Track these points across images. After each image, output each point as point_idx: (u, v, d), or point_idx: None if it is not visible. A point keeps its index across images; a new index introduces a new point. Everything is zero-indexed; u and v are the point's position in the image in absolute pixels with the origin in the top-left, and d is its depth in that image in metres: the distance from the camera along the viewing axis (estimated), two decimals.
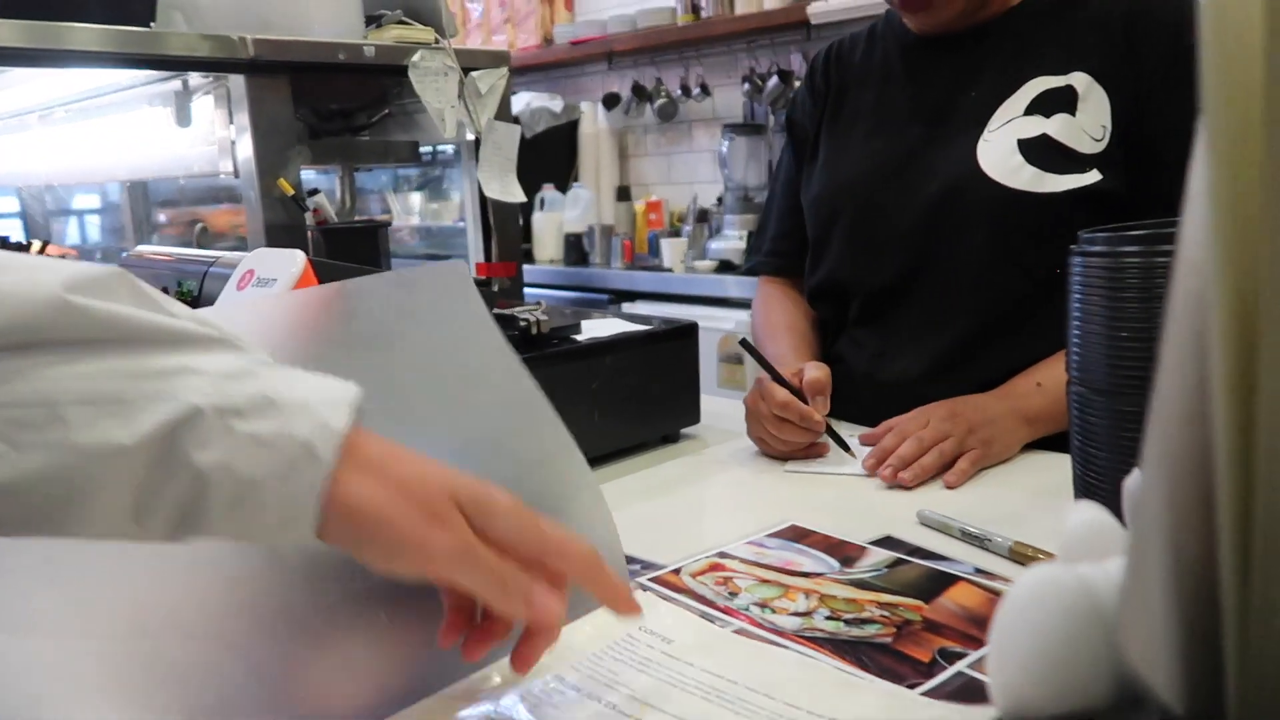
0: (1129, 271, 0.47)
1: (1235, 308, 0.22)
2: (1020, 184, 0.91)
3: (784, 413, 0.85)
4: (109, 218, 2.45)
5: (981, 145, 0.94)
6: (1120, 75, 0.90)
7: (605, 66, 3.45)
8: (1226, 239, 0.22)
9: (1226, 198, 0.22)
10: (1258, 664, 0.23)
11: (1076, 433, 0.54)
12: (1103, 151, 0.89)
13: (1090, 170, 0.89)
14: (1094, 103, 0.90)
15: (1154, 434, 0.24)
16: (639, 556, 0.66)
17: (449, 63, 1.22)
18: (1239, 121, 0.22)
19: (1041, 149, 0.91)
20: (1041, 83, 0.93)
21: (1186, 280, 0.24)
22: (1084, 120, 0.90)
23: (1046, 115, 0.91)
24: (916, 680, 0.49)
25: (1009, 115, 0.93)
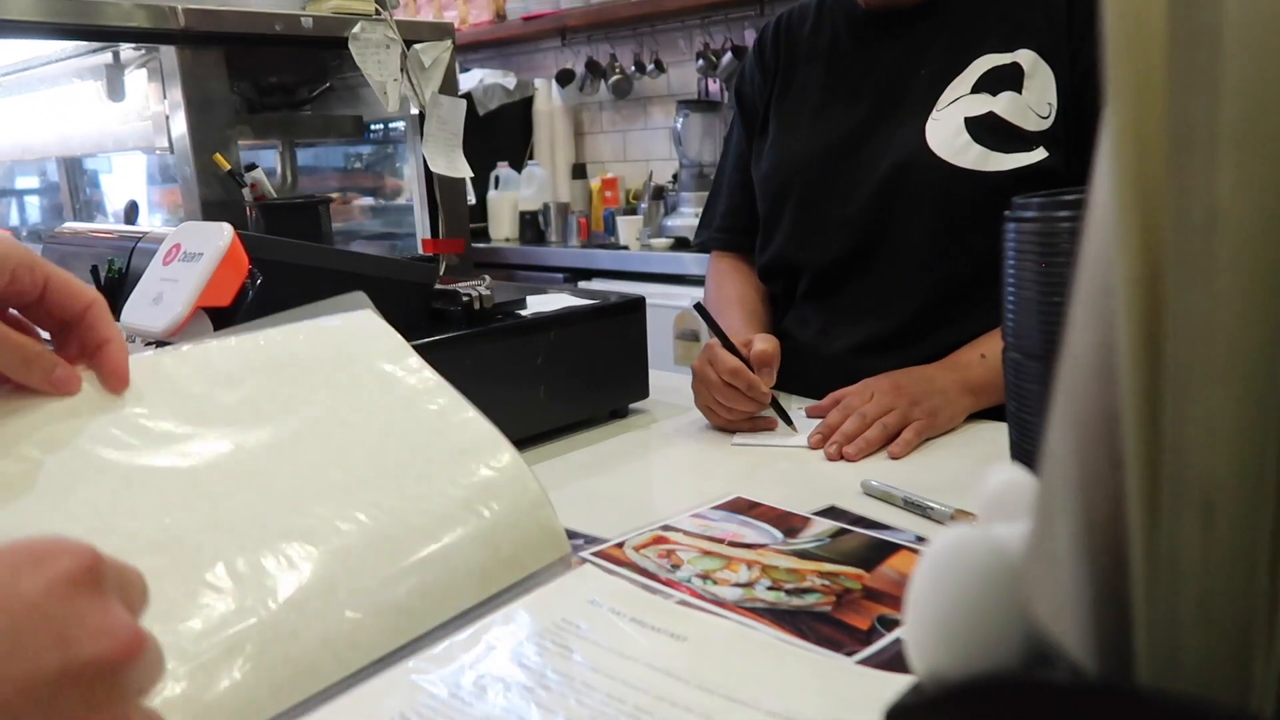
0: (1060, 236, 0.47)
1: (1140, 266, 0.22)
2: (967, 163, 0.91)
3: (733, 379, 0.85)
4: (47, 198, 2.39)
5: (930, 124, 0.94)
6: (1063, 52, 0.90)
7: (559, 43, 3.41)
8: (1130, 196, 0.22)
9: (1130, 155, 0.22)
10: (1165, 620, 0.23)
11: (1012, 398, 0.55)
12: (1048, 129, 0.90)
13: (1036, 148, 0.90)
14: (1040, 80, 0.90)
15: (1063, 389, 0.24)
16: (582, 531, 0.65)
17: (390, 35, 1.20)
18: (1141, 76, 0.22)
19: (988, 127, 0.91)
20: (988, 60, 0.93)
21: (1094, 240, 0.24)
22: (1030, 98, 0.90)
23: (993, 93, 0.91)
24: (854, 648, 0.49)
25: (956, 94, 0.93)
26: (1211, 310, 0.22)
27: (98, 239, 0.86)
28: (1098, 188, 0.25)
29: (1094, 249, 0.25)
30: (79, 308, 0.48)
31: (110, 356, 0.49)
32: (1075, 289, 0.25)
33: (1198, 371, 0.21)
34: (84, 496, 0.45)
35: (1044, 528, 0.24)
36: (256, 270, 0.66)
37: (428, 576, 0.48)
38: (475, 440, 0.56)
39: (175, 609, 0.42)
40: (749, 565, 0.60)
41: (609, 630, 0.50)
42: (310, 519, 0.47)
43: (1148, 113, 0.22)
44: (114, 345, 0.49)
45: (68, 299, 0.48)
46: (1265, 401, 0.21)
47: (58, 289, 0.47)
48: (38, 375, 0.47)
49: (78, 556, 0.30)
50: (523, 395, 0.84)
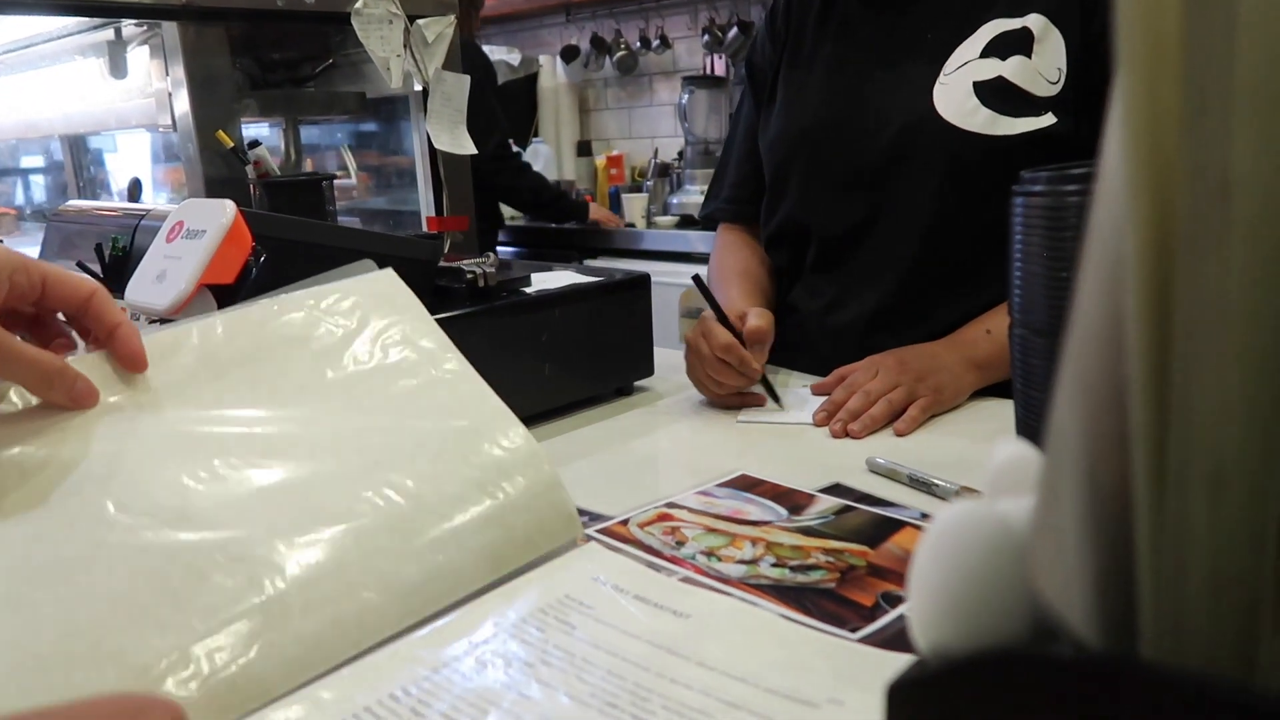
0: (1069, 211, 0.47)
1: (1151, 234, 0.22)
2: (975, 126, 0.90)
3: (725, 355, 0.85)
4: (52, 176, 2.38)
5: (938, 88, 0.93)
6: (1074, 16, 0.89)
7: (564, 19, 3.39)
8: (1142, 163, 0.22)
9: (1142, 121, 0.22)
10: (1171, 595, 0.23)
11: (1018, 375, 0.54)
12: (1058, 94, 0.89)
13: (1045, 113, 0.89)
14: (1050, 45, 0.89)
15: (1070, 362, 0.24)
16: (588, 509, 0.65)
17: (393, 10, 1.19)
18: (1154, 39, 0.21)
19: (997, 91, 0.90)
20: (998, 25, 0.92)
21: (1105, 208, 0.24)
22: (1039, 63, 0.89)
23: (1003, 58, 0.90)
24: (858, 624, 0.49)
25: (965, 58, 0.92)
26: (1223, 280, 0.21)
27: (102, 217, 0.86)
28: (1108, 155, 0.24)
29: (1104, 217, 0.24)
30: (81, 299, 0.49)
31: (124, 340, 0.50)
32: (1084, 258, 0.24)
33: (1208, 343, 0.21)
34: (95, 479, 0.45)
35: (1049, 501, 0.24)
36: (260, 247, 0.65)
37: (441, 557, 0.48)
38: (490, 421, 0.56)
39: (187, 586, 0.42)
40: (753, 542, 0.60)
41: (611, 607, 0.50)
42: (325, 498, 0.47)
43: (1160, 77, 0.22)
44: (124, 328, 0.50)
45: (68, 293, 0.49)
46: (1277, 374, 0.21)
47: (56, 285, 0.48)
48: (61, 393, 0.47)
49: (170, 711, 0.32)
50: (527, 373, 0.84)
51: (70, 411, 0.48)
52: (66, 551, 0.43)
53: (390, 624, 0.45)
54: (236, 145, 1.08)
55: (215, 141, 1.12)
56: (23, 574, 0.42)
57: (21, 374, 0.47)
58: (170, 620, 0.41)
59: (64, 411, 0.48)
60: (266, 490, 0.48)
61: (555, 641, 0.46)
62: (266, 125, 1.47)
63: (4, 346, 0.45)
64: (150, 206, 0.82)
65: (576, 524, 0.56)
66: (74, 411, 0.48)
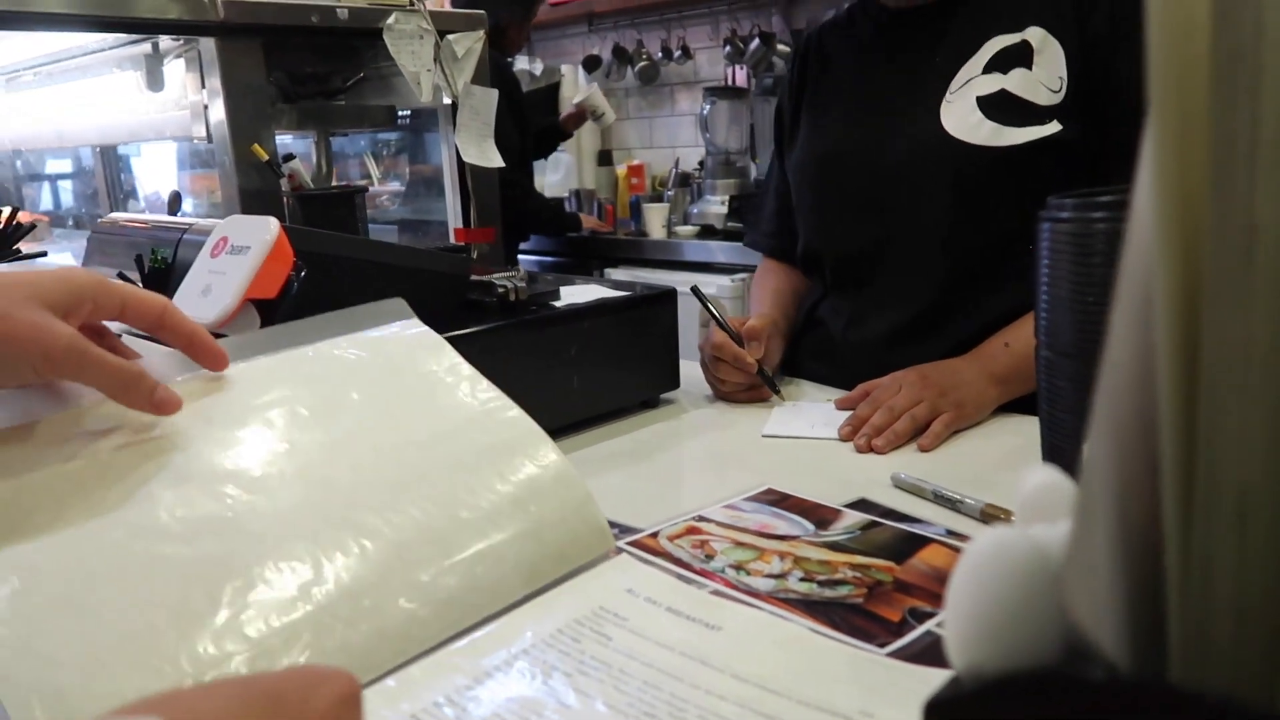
0: (1096, 238, 0.48)
1: (1180, 280, 0.23)
2: (980, 139, 0.92)
3: (718, 352, 0.94)
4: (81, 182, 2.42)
5: (944, 107, 0.95)
6: (1070, 25, 0.91)
7: (586, 28, 3.41)
8: (1172, 211, 0.23)
9: (1172, 171, 0.23)
10: (1199, 620, 0.24)
11: (1044, 396, 0.55)
12: (1060, 102, 0.90)
13: (1050, 121, 0.90)
14: (1049, 55, 0.91)
15: (1103, 398, 0.25)
16: (618, 521, 0.67)
17: (424, 25, 1.21)
18: (1184, 94, 0.23)
19: (1000, 104, 0.92)
20: (998, 41, 0.94)
21: (1136, 249, 0.25)
22: (1040, 74, 0.91)
23: (1004, 71, 0.92)
24: (886, 639, 0.50)
25: (969, 75, 0.95)
26: (1248, 325, 0.23)
27: (143, 229, 0.88)
28: (1139, 200, 0.26)
29: (1135, 259, 0.26)
30: (156, 314, 0.52)
31: (202, 344, 0.54)
32: (1116, 297, 0.25)
33: (1232, 384, 0.22)
34: (149, 491, 0.47)
35: (1083, 530, 0.25)
36: (300, 262, 0.67)
37: (479, 570, 0.49)
38: (522, 439, 0.58)
39: (238, 596, 0.44)
40: (781, 556, 0.61)
41: (645, 619, 0.51)
42: (366, 513, 0.49)
43: (1190, 130, 0.23)
44: (199, 334, 0.54)
45: (145, 309, 0.52)
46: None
47: (134, 303, 0.51)
48: (140, 398, 0.50)
49: (347, 681, 0.34)
50: (556, 385, 0.86)
51: (125, 429, 0.50)
52: (124, 559, 0.45)
53: (432, 635, 0.47)
54: (271, 158, 1.10)
55: (249, 153, 1.14)
56: (83, 579, 0.44)
57: (104, 380, 0.49)
58: (223, 628, 0.43)
59: (119, 429, 0.50)
60: (312, 504, 0.49)
61: (592, 652, 0.48)
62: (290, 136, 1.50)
63: (89, 354, 0.48)
64: (192, 220, 0.84)
65: (609, 538, 0.57)
66: (129, 429, 0.50)
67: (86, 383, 0.49)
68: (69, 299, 0.49)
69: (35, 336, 0.46)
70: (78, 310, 0.49)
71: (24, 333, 0.46)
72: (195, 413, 0.52)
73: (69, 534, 0.45)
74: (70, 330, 0.48)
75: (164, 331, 0.53)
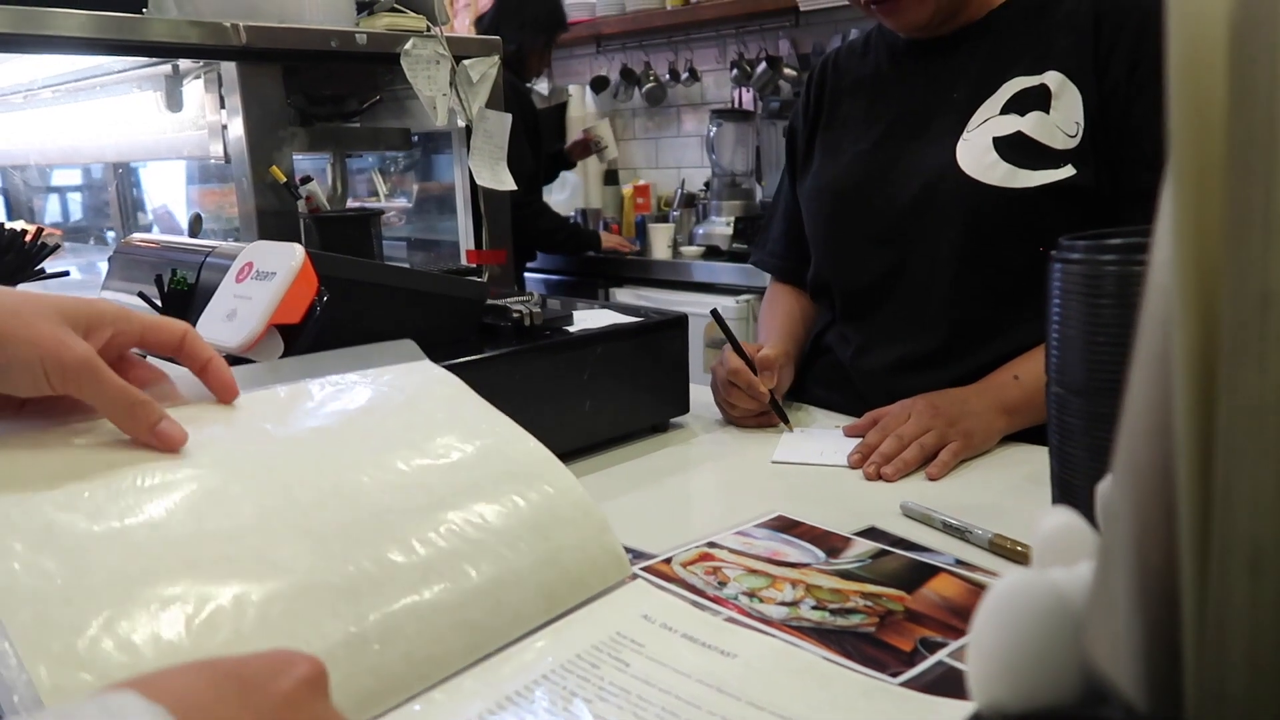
0: (1106, 279, 0.49)
1: (1197, 341, 0.24)
2: (995, 180, 0.93)
3: (734, 378, 0.95)
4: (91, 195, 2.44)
5: (961, 145, 0.96)
6: (1089, 72, 0.92)
7: (594, 49, 3.44)
8: (1190, 276, 0.24)
9: (1191, 238, 0.24)
10: (1214, 665, 0.25)
11: (1055, 432, 0.56)
12: (1076, 147, 0.92)
13: (1064, 165, 0.91)
14: (1067, 100, 0.92)
15: (1122, 446, 0.26)
16: (630, 545, 0.68)
17: (441, 51, 1.23)
18: (1202, 164, 0.24)
19: (1016, 146, 0.93)
20: (1017, 83, 0.95)
21: (1155, 302, 0.26)
22: (1057, 118, 0.92)
23: (1021, 114, 0.93)
24: (898, 669, 0.51)
25: (986, 115, 0.96)
26: (1263, 382, 0.24)
27: (166, 251, 0.90)
28: (1158, 258, 0.27)
29: (1153, 313, 0.27)
30: (176, 340, 0.53)
31: (216, 372, 0.55)
32: (1135, 348, 0.27)
33: (1247, 442, 0.23)
34: (181, 509, 0.48)
35: (1103, 575, 0.26)
36: (323, 288, 0.69)
37: (502, 596, 0.50)
38: (540, 467, 0.59)
39: (285, 618, 0.44)
40: (794, 584, 0.62)
41: (662, 646, 0.52)
42: (395, 536, 0.50)
43: (1207, 199, 0.24)
44: (216, 362, 0.55)
45: (165, 336, 0.53)
46: None
47: (153, 331, 0.53)
48: (143, 426, 0.50)
49: (313, 664, 0.36)
50: (569, 409, 0.87)
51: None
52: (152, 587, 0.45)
53: (457, 659, 0.48)
54: (289, 180, 1.12)
55: (267, 174, 1.16)
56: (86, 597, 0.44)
57: (110, 402, 0.49)
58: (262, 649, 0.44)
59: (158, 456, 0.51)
60: (341, 528, 0.50)
61: (610, 678, 0.49)
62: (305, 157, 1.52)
63: (100, 373, 0.49)
64: (215, 244, 0.85)
65: (625, 565, 0.58)
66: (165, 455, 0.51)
67: (93, 402, 0.50)
68: (91, 320, 0.50)
69: (54, 347, 0.47)
70: (98, 332, 0.50)
71: (44, 341, 0.47)
72: (214, 436, 0.53)
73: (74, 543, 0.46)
74: (87, 347, 0.48)
75: (184, 356, 0.54)
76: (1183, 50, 0.25)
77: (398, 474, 0.54)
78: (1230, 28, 0.23)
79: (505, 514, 0.55)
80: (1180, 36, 0.24)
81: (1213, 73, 0.24)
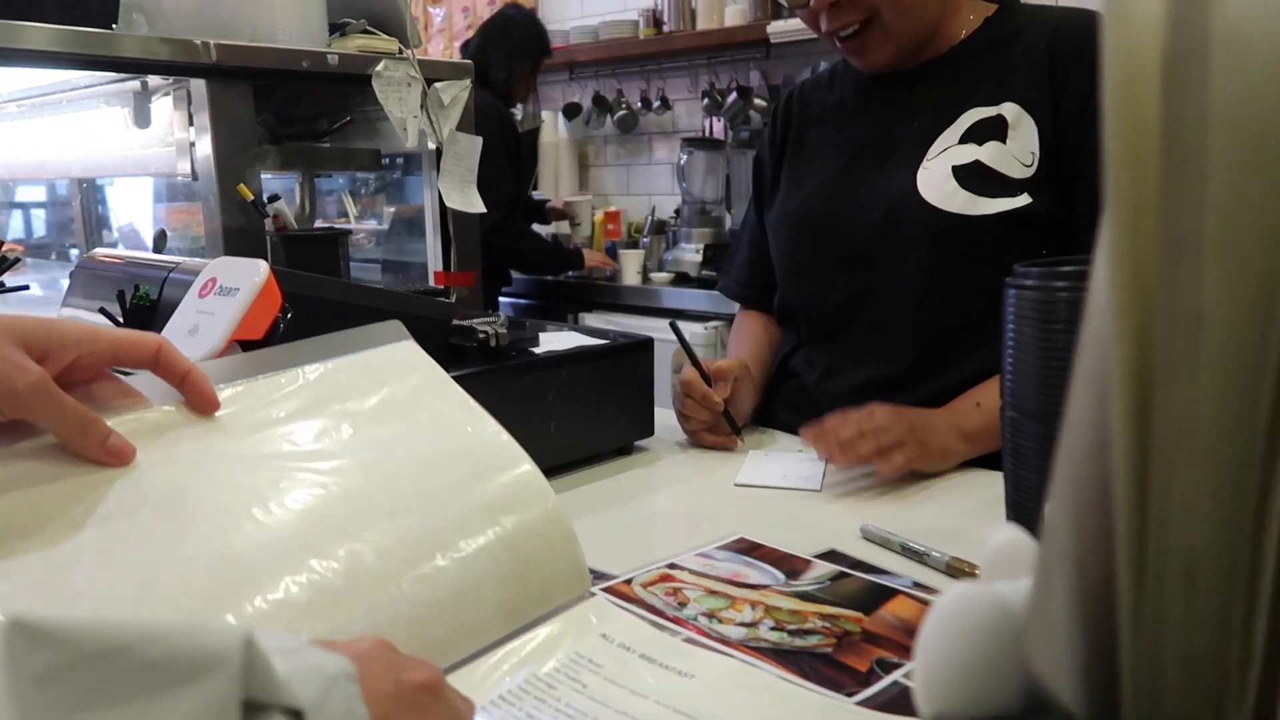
0: (1059, 305, 0.50)
1: (1133, 360, 0.25)
2: (954, 208, 0.95)
3: (687, 389, 0.98)
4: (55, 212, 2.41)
5: (921, 173, 0.98)
6: (1045, 104, 0.95)
7: (567, 76, 3.47)
8: (1126, 298, 0.25)
9: (1127, 262, 0.25)
10: (1149, 673, 0.26)
11: (1009, 455, 0.57)
12: (1031, 176, 0.94)
13: (1020, 194, 0.94)
14: (1023, 131, 0.95)
15: (1062, 463, 0.27)
16: (592, 567, 0.67)
17: (412, 73, 1.24)
18: (1137, 193, 0.25)
19: (974, 174, 0.95)
20: (976, 113, 0.98)
21: (1094, 327, 0.27)
22: (1014, 147, 0.95)
23: (979, 143, 0.96)
24: (854, 689, 0.52)
25: (945, 144, 0.98)
26: (1195, 401, 0.25)
27: (129, 266, 0.89)
28: (1096, 282, 0.28)
29: (1092, 336, 0.28)
30: (149, 355, 0.53)
31: (195, 385, 0.54)
32: (1075, 369, 0.28)
33: (1181, 455, 0.24)
34: (140, 522, 0.48)
35: (1043, 588, 0.27)
36: (287, 305, 0.68)
37: (462, 609, 0.50)
38: (512, 472, 0.59)
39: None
40: (753, 605, 0.62)
41: (620, 667, 0.52)
42: (356, 546, 0.50)
43: (1143, 223, 0.25)
44: (194, 374, 0.54)
45: (137, 352, 0.52)
46: (1240, 483, 0.24)
47: (125, 348, 0.52)
48: (94, 444, 0.50)
49: (435, 670, 0.41)
50: (533, 431, 0.87)
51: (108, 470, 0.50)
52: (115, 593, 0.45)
53: None
54: (256, 199, 1.12)
55: (235, 192, 1.16)
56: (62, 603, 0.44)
57: (59, 423, 0.49)
58: None
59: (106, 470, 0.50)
60: (300, 536, 0.50)
61: (568, 699, 0.49)
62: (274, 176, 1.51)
63: (52, 395, 0.48)
64: (179, 259, 0.85)
65: (587, 579, 0.58)
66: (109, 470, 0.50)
67: (45, 426, 0.49)
68: (47, 344, 0.49)
69: (4, 371, 0.46)
70: (57, 357, 0.49)
71: None
72: (183, 440, 0.53)
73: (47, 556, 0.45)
74: (40, 371, 0.48)
75: (160, 370, 0.53)
76: (1118, 81, 0.26)
77: (364, 480, 0.54)
78: (1163, 60, 0.24)
79: (472, 522, 0.54)
80: (1115, 68, 0.25)
81: (1146, 103, 0.25)
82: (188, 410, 0.54)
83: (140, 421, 0.52)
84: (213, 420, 0.54)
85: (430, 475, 0.56)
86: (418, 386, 0.62)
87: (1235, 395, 0.24)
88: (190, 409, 0.54)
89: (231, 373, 0.57)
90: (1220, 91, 0.23)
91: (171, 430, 0.53)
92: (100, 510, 0.47)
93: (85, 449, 0.50)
